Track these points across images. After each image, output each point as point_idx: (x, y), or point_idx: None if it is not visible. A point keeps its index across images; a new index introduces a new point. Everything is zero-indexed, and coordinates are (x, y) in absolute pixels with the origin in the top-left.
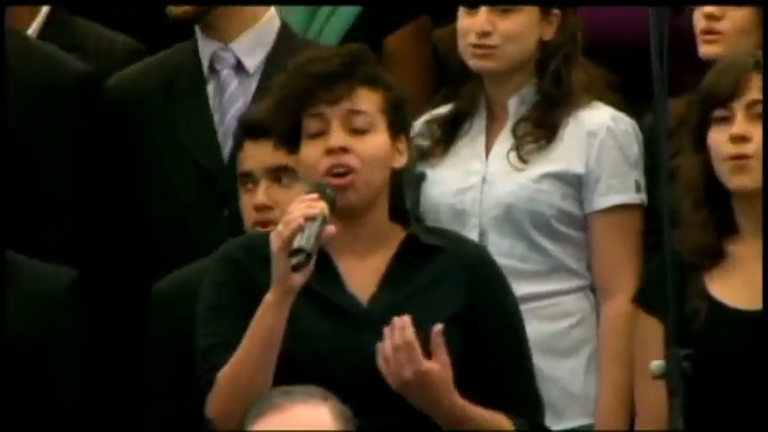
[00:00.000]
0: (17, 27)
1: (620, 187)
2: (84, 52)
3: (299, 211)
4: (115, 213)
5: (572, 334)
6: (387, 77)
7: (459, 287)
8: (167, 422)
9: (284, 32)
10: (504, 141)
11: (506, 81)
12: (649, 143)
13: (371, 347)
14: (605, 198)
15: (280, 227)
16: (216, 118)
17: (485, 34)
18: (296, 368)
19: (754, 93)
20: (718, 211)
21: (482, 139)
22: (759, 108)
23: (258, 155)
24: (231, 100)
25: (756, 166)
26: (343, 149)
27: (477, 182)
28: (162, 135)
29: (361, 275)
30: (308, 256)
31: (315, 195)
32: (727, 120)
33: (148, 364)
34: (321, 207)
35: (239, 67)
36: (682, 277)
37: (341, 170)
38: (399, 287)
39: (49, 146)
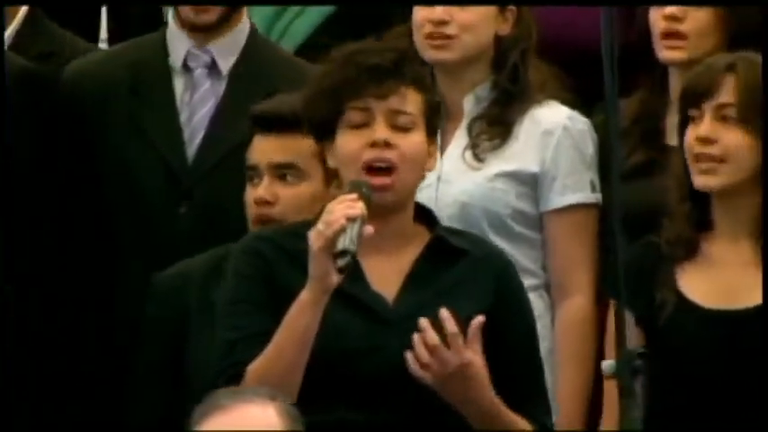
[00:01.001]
0: None
1: (575, 187)
2: (59, 59)
3: (341, 211)
4: (74, 206)
5: None
6: (429, 81)
7: (482, 291)
8: (158, 407)
9: (253, 36)
10: (459, 140)
11: (461, 79)
12: (600, 141)
13: (398, 346)
14: (561, 197)
15: (320, 226)
16: (183, 116)
17: (442, 23)
18: (324, 365)
19: (725, 96)
20: (699, 206)
21: (437, 138)
22: (729, 111)
23: (265, 149)
24: (202, 100)
25: (721, 168)
26: (387, 144)
27: (433, 180)
28: (125, 128)
29: (385, 274)
30: (353, 256)
31: (354, 195)
32: (697, 120)
33: (142, 349)
34: (361, 207)
35: (213, 68)
36: (656, 267)
37: (382, 164)
38: (424, 288)
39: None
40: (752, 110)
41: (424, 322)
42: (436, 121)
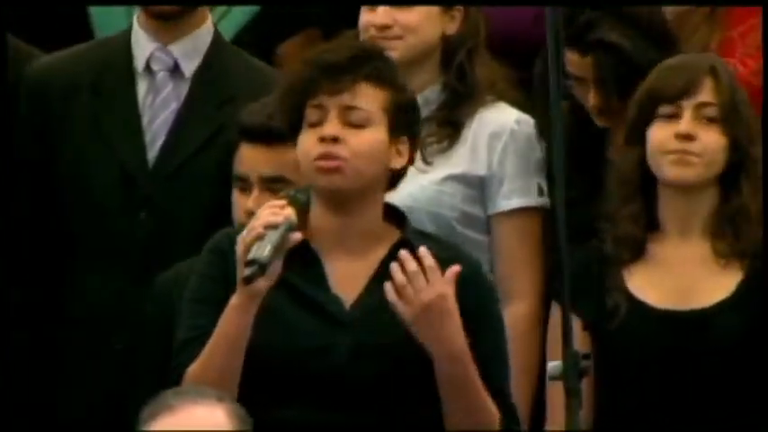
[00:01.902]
0: None
1: (521, 190)
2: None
3: (264, 218)
4: (29, 206)
5: None
6: (399, 78)
7: None
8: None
9: (217, 40)
10: None
11: (410, 80)
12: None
13: (348, 345)
14: (507, 201)
15: (244, 232)
16: (145, 119)
17: (385, 27)
18: (276, 363)
19: (705, 95)
20: (647, 206)
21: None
22: (709, 111)
23: (255, 161)
24: (164, 103)
25: (699, 162)
26: (335, 139)
27: None
28: (84, 129)
29: (349, 276)
30: (262, 267)
31: (282, 202)
32: (672, 117)
33: (142, 347)
34: (286, 214)
35: (176, 71)
36: (601, 271)
37: (330, 161)
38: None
39: None
40: (730, 112)
41: (404, 254)
42: (408, 120)
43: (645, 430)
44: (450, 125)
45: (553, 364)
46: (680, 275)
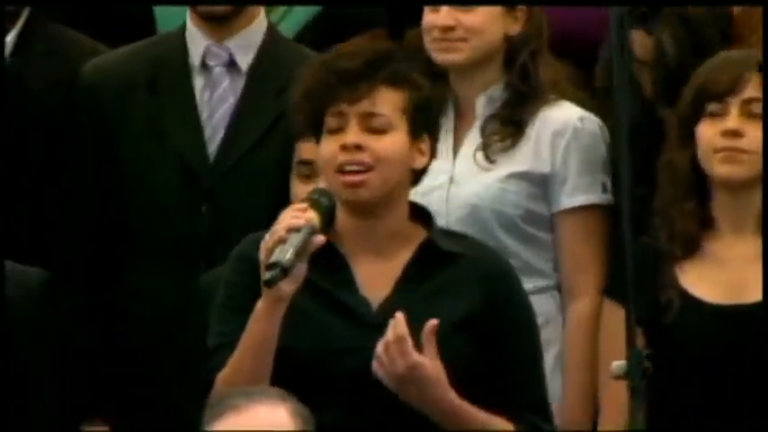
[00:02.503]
0: None
1: (585, 188)
2: (64, 58)
3: (286, 221)
4: (92, 205)
5: None
6: (415, 76)
7: (473, 294)
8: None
9: (271, 33)
10: (471, 141)
11: (474, 79)
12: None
13: (375, 350)
14: (571, 198)
15: (267, 236)
16: (204, 115)
17: (448, 29)
18: (305, 365)
19: (752, 91)
20: (700, 203)
21: (450, 139)
22: (755, 107)
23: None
24: (222, 98)
25: (748, 159)
26: (358, 147)
27: (445, 181)
28: (143, 127)
29: (377, 277)
30: (284, 270)
31: (304, 205)
32: (720, 115)
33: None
34: (308, 218)
35: (232, 65)
36: (654, 267)
37: (354, 167)
38: (413, 292)
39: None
40: None
41: (398, 316)
42: (427, 118)
43: (701, 426)
44: (514, 124)
45: (617, 364)
46: (733, 271)
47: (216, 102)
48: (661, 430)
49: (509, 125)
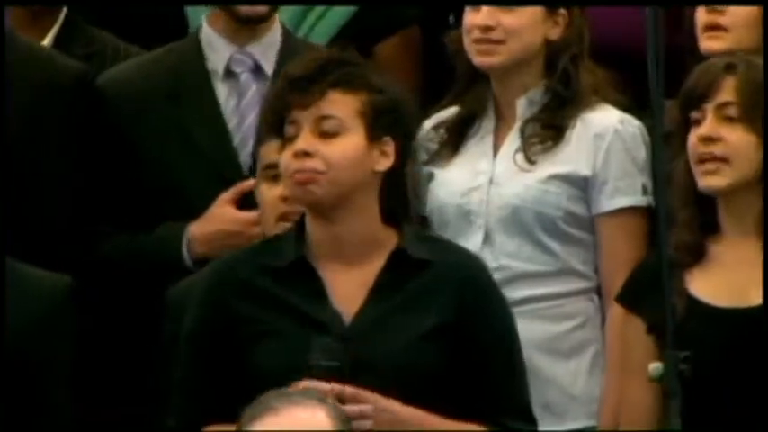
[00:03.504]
0: (34, 37)
1: (626, 190)
2: (101, 60)
3: None
4: (121, 214)
5: (574, 335)
6: (372, 80)
7: (444, 300)
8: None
9: (286, 34)
10: (511, 142)
11: (514, 82)
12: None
13: (348, 364)
14: (612, 200)
15: None
16: (232, 122)
17: (488, 29)
18: (278, 383)
19: (725, 95)
20: (703, 210)
21: (490, 140)
22: (730, 110)
23: None
24: (250, 105)
25: (725, 168)
26: (306, 153)
27: (485, 182)
28: (166, 135)
29: (348, 288)
30: None
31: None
32: (699, 122)
33: (163, 369)
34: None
35: (257, 71)
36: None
37: (305, 175)
38: (385, 301)
39: (50, 146)
40: (753, 108)
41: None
42: (390, 120)
43: (708, 429)
44: (554, 128)
45: (654, 366)
46: (738, 275)
47: (244, 108)
48: None
49: (549, 129)
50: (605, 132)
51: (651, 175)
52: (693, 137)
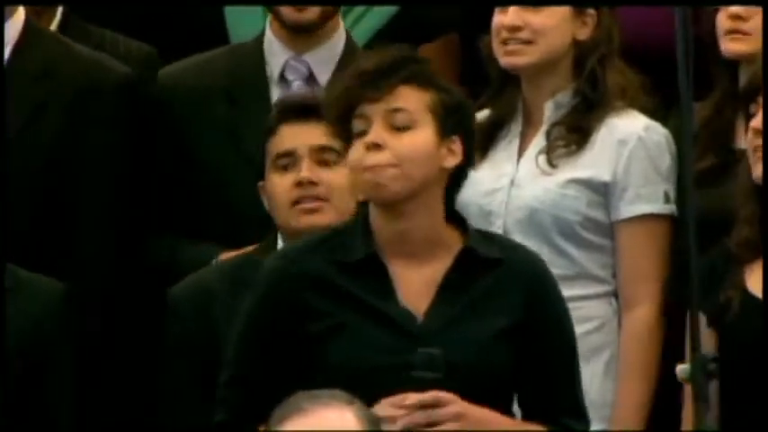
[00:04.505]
0: None
1: (648, 197)
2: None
3: None
4: (167, 214)
5: (591, 339)
6: (440, 81)
7: (514, 300)
8: (185, 424)
9: (350, 45)
10: (536, 145)
11: (543, 85)
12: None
13: (414, 365)
14: (632, 207)
15: None
16: None
17: (515, 29)
18: (354, 382)
19: None
20: (765, 206)
21: (516, 143)
22: None
23: (302, 135)
24: None
25: None
26: (378, 146)
27: (506, 184)
28: (222, 139)
29: (416, 285)
30: None
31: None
32: (755, 115)
33: (168, 368)
34: None
35: (311, 79)
36: (725, 270)
37: (378, 170)
38: (454, 300)
39: (93, 149)
40: None
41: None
42: (457, 118)
43: (759, 426)
44: (579, 131)
45: (681, 367)
46: None
47: None
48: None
49: (575, 132)
50: (629, 139)
51: (676, 182)
52: (749, 129)
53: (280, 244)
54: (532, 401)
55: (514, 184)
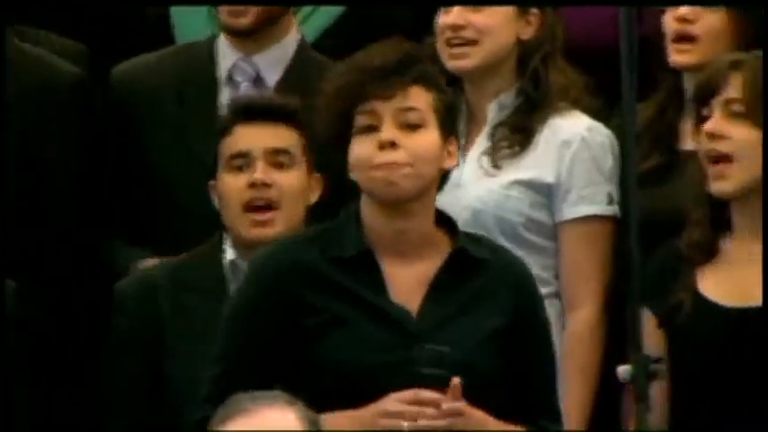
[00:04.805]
0: None
1: (591, 198)
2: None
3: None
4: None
5: None
6: (440, 79)
7: (504, 301)
8: (133, 421)
9: (302, 49)
10: (480, 146)
11: (486, 86)
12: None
13: (421, 361)
14: (575, 208)
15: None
16: None
17: (458, 28)
18: (351, 379)
19: (731, 91)
20: (716, 208)
21: (460, 144)
22: (737, 107)
23: (257, 136)
24: None
25: (733, 170)
26: (393, 144)
27: (451, 185)
28: (170, 139)
29: (407, 284)
30: None
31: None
32: (707, 118)
33: (112, 364)
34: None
35: (258, 81)
36: (676, 271)
37: (392, 168)
38: (446, 299)
39: (46, 150)
40: (759, 105)
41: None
42: (453, 121)
43: (711, 428)
44: (523, 131)
45: (623, 368)
46: (745, 274)
47: None
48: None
49: (518, 132)
50: (572, 140)
51: (619, 183)
52: (703, 133)
53: (225, 244)
54: (513, 401)
55: (458, 186)
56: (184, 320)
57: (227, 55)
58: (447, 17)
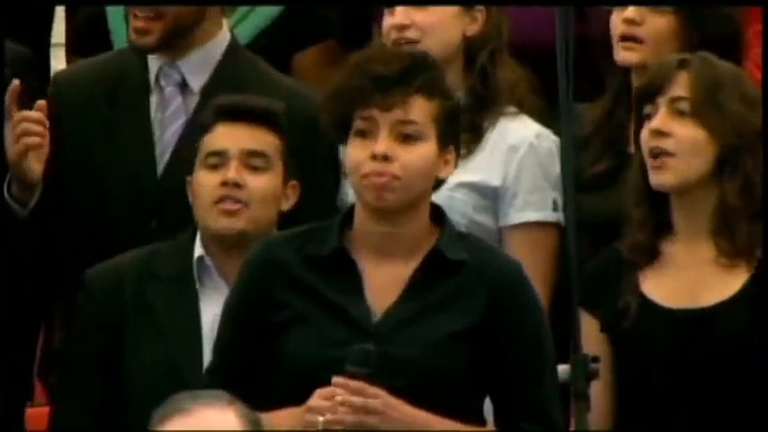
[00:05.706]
0: None
1: (536, 204)
2: None
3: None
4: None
5: None
6: (445, 86)
7: (475, 302)
8: (89, 409)
9: (232, 50)
10: None
11: None
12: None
13: (347, 359)
14: (520, 214)
15: None
16: (157, 133)
17: (403, 27)
18: (306, 373)
19: (678, 89)
20: (656, 209)
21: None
22: (682, 105)
23: (235, 137)
24: (172, 117)
25: (676, 163)
26: (386, 157)
27: None
28: (99, 141)
29: (384, 283)
30: None
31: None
32: (652, 116)
33: (76, 349)
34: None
35: (183, 86)
36: (618, 275)
37: (381, 179)
38: (418, 299)
39: None
40: (705, 104)
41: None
42: (455, 129)
43: (658, 429)
44: (473, 131)
45: (562, 368)
46: (689, 275)
47: (168, 120)
48: None
49: (467, 132)
50: (520, 145)
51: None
52: (645, 131)
53: (198, 239)
54: (496, 404)
55: None
56: (146, 308)
57: (154, 61)
58: (393, 18)
